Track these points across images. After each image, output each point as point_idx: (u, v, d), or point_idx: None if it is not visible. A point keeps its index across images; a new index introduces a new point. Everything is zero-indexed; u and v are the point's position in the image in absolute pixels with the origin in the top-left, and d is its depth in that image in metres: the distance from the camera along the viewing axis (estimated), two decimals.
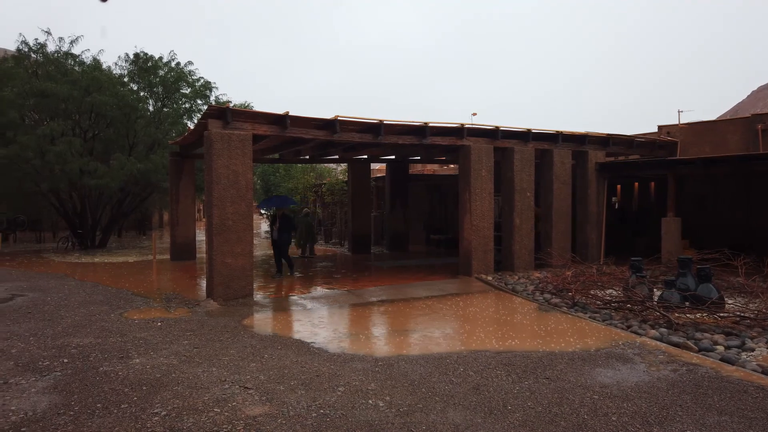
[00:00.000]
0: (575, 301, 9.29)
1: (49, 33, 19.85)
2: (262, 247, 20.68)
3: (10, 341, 6.86)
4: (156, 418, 4.39)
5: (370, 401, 4.78)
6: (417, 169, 26.35)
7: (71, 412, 4.53)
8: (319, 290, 11.22)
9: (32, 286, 11.40)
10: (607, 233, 14.98)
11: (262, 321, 8.40)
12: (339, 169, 30.84)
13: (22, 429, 4.22)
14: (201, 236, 18.91)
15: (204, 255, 11.99)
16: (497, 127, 12.84)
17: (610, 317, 8.31)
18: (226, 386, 5.14)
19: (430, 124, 11.93)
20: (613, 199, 19.62)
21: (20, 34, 22.41)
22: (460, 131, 12.44)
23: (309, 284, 11.99)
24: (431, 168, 26.79)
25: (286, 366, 5.81)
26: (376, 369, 5.74)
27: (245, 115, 10.33)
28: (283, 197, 16.50)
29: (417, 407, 4.64)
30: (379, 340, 7.38)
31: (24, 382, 5.33)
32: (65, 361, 6.03)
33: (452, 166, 23.15)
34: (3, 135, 17.40)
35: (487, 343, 6.97)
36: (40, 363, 5.94)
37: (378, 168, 27.12)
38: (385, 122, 11.40)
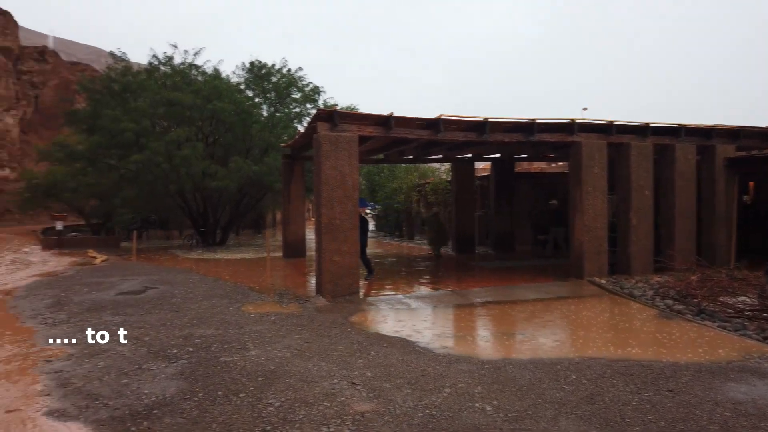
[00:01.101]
0: (701, 308, 8.53)
1: (175, 47, 21.69)
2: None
3: (143, 330, 7.54)
4: (270, 409, 4.61)
5: (477, 404, 4.69)
6: (523, 167, 25.60)
7: (196, 398, 4.89)
8: (423, 290, 11.24)
9: (162, 279, 12.46)
10: (739, 235, 13.63)
11: (368, 318, 8.56)
12: (442, 168, 30.71)
13: (154, 411, 4.61)
14: (310, 235, 19.66)
15: (313, 253, 12.44)
16: (611, 122, 12.14)
17: (743, 327, 7.55)
18: (335, 381, 5.29)
19: (538, 121, 11.53)
20: (745, 197, 17.82)
21: (151, 48, 24.76)
22: (570, 127, 11.91)
23: (413, 284, 12.06)
24: (538, 166, 25.90)
25: (392, 364, 5.87)
26: (483, 372, 5.63)
27: (352, 117, 10.58)
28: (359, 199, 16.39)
29: (526, 413, 4.50)
30: (485, 342, 7.24)
31: (155, 368, 5.82)
32: (190, 350, 6.52)
33: (561, 163, 22.24)
34: (137, 142, 19.17)
35: (602, 350, 6.60)
36: (168, 351, 6.47)
37: (482, 167, 26.68)
38: (490, 120, 11.18)
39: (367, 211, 35.25)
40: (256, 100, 22.13)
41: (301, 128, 21.63)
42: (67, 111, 22.35)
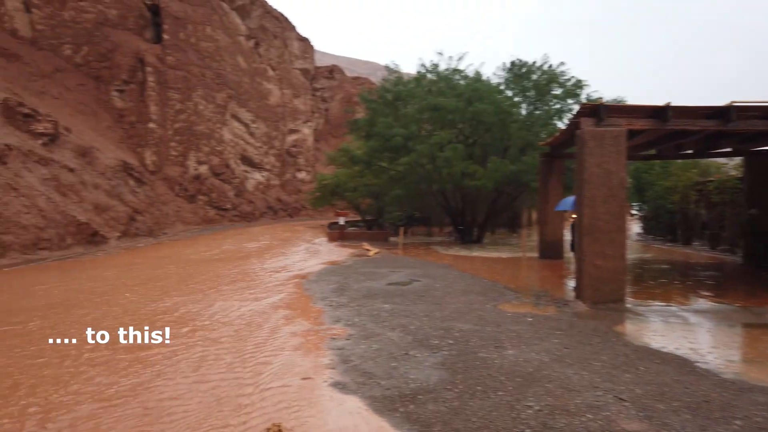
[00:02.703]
0: None
1: (441, 54, 22.96)
2: (634, 250, 19.34)
3: (409, 319, 8.18)
4: (529, 412, 4.56)
5: None
6: None
7: (456, 390, 5.11)
8: (703, 303, 9.81)
9: (424, 273, 13.33)
10: None
11: (636, 329, 7.83)
12: (730, 164, 26.33)
13: (419, 396, 4.97)
14: (569, 236, 18.85)
15: (571, 255, 11.89)
16: None
17: None
18: (599, 393, 4.98)
19: None
20: None
21: (419, 58, 26.80)
22: None
23: (690, 295, 10.62)
24: None
25: (666, 383, 5.26)
26: None
27: (619, 110, 9.81)
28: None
29: None
30: None
31: (419, 355, 6.26)
32: (450, 342, 6.83)
33: None
34: (405, 145, 20.85)
35: None
36: (431, 341, 6.89)
37: None
38: None
39: (633, 211, 32.29)
40: (515, 99, 22.09)
41: (560, 125, 20.87)
42: (349, 120, 25.57)
